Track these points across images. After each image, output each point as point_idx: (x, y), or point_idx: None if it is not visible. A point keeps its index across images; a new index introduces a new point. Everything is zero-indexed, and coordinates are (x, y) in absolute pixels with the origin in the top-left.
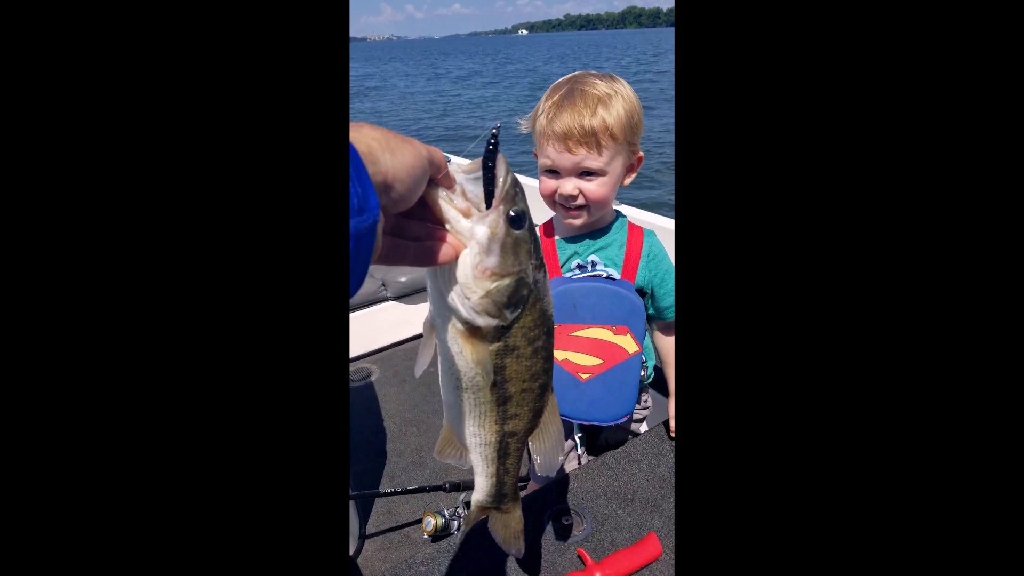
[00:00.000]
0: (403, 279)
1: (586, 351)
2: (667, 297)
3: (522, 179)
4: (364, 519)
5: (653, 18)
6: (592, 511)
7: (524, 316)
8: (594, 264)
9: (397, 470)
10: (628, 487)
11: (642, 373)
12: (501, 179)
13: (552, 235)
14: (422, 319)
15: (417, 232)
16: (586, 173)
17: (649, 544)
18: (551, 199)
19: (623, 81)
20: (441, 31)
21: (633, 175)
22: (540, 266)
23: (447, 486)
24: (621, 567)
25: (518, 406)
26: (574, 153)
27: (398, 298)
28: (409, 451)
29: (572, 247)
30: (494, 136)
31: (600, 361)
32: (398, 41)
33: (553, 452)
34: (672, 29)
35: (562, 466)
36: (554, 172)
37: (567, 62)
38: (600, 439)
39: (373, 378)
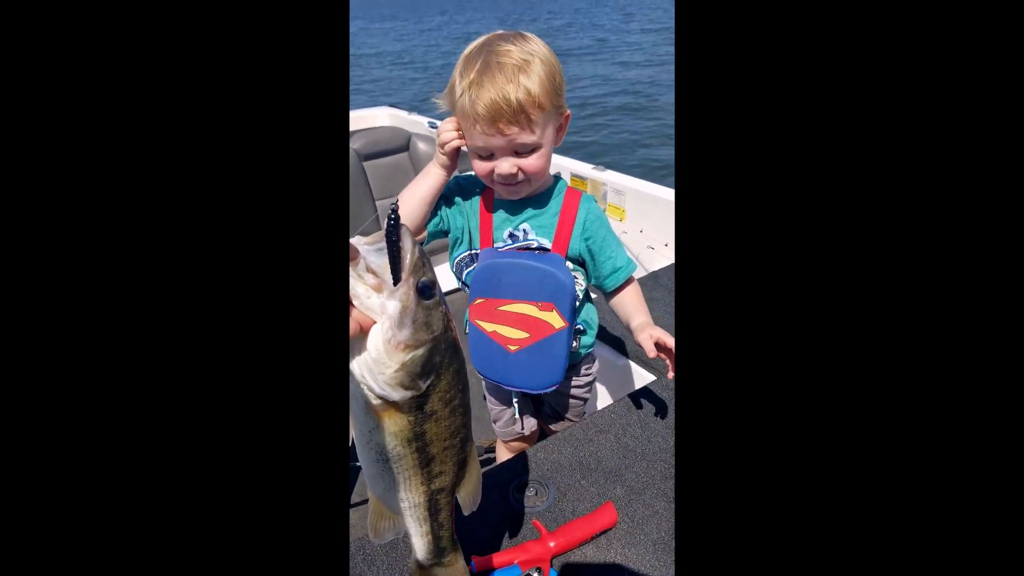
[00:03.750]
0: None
1: (512, 325)
2: (606, 264)
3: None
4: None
5: None
6: (556, 482)
7: (440, 381)
8: (525, 233)
9: None
10: (593, 457)
11: (574, 344)
12: (407, 252)
13: (491, 204)
14: None
15: None
16: (522, 150)
17: (605, 513)
18: (488, 178)
19: (534, 38)
20: None
21: (563, 135)
22: (450, 326)
23: None
24: (575, 535)
25: (442, 463)
26: (505, 133)
27: None
28: None
29: (506, 214)
30: (395, 211)
31: (527, 335)
32: None
33: (476, 493)
34: None
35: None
36: (487, 154)
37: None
38: (546, 406)
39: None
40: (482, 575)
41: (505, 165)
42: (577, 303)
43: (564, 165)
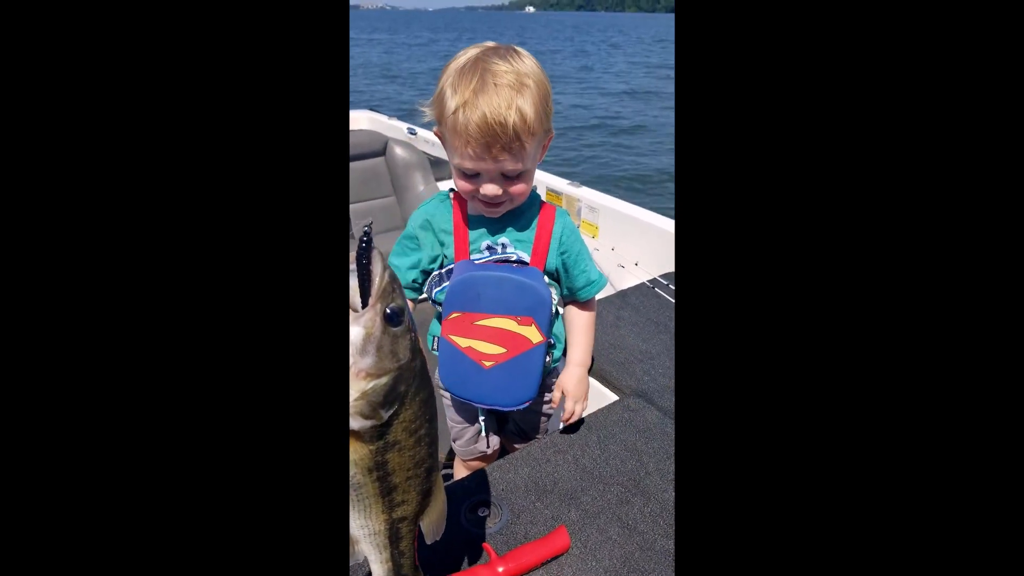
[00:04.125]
0: None
1: (489, 340)
2: (580, 277)
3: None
4: None
5: (652, 3)
6: (510, 503)
7: (404, 410)
8: (504, 247)
9: None
10: (549, 478)
11: (547, 359)
12: (377, 277)
13: (466, 218)
14: None
15: None
16: (509, 174)
17: (557, 537)
18: (469, 195)
19: (526, 55)
20: (436, 3)
21: (545, 152)
22: (418, 355)
23: None
24: (525, 560)
25: (405, 493)
26: (498, 159)
27: None
28: None
29: (484, 229)
30: (367, 233)
31: (504, 350)
32: (391, 11)
33: (440, 522)
34: (670, 16)
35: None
36: (473, 173)
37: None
38: (510, 423)
39: None
40: None
41: (491, 188)
42: (553, 316)
43: (540, 179)
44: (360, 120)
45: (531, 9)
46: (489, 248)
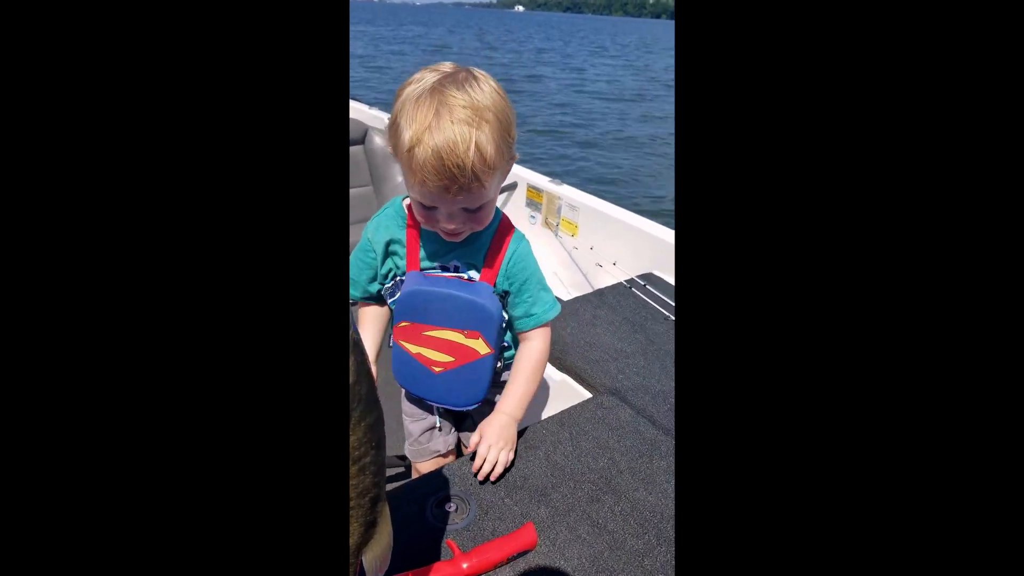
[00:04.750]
0: None
1: (437, 349)
2: (518, 307)
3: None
4: None
5: (639, 7)
6: (478, 498)
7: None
8: (457, 268)
9: None
10: (519, 474)
11: (498, 364)
12: None
13: (420, 234)
14: None
15: None
16: (469, 207)
17: (523, 534)
18: (429, 225)
19: (486, 80)
20: None
21: (508, 173)
22: (363, 379)
23: None
24: (490, 557)
25: (348, 523)
26: (456, 198)
27: None
28: None
29: (436, 243)
30: None
31: (452, 359)
32: (379, 4)
33: (384, 557)
34: (656, 20)
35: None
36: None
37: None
38: (469, 421)
39: None
40: None
41: (451, 224)
42: (503, 327)
43: (522, 176)
44: None
45: (520, 8)
46: (442, 266)
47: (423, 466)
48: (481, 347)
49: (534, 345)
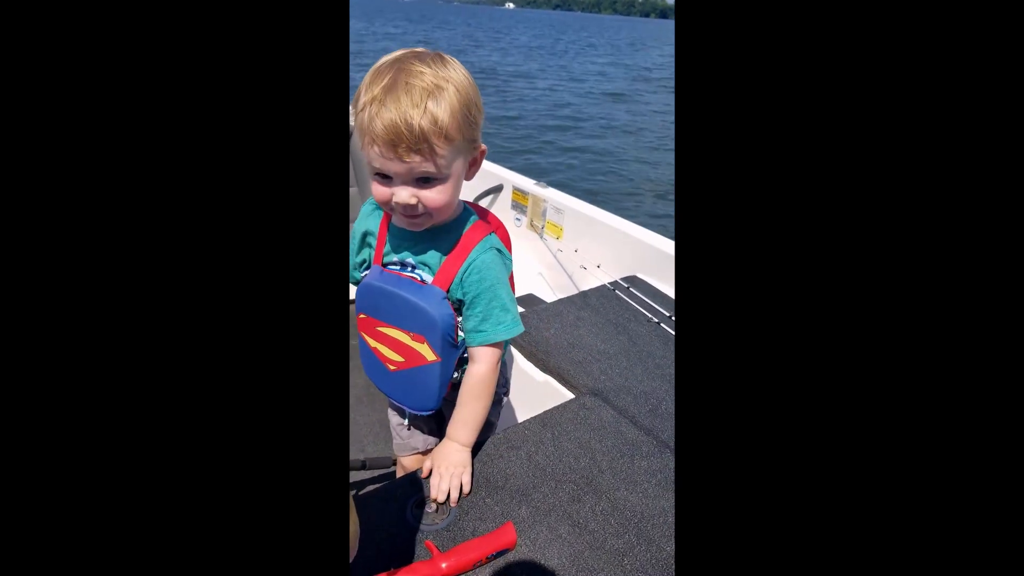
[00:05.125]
0: None
1: (389, 347)
2: (469, 320)
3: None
4: None
5: (628, 6)
6: (459, 498)
7: None
8: (413, 267)
9: None
10: (501, 474)
11: (454, 375)
12: None
13: (387, 227)
14: None
15: None
16: (423, 179)
17: (503, 533)
18: (387, 205)
19: (454, 63)
20: None
21: (477, 169)
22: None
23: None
24: (468, 557)
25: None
26: (405, 160)
27: None
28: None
29: (400, 240)
30: None
31: (402, 359)
32: None
33: (351, 549)
34: (645, 19)
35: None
36: (386, 176)
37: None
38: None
39: None
40: None
41: (404, 194)
42: (457, 338)
43: (508, 178)
44: None
45: (511, 5)
46: (399, 262)
47: (406, 461)
48: (427, 353)
49: (475, 369)
